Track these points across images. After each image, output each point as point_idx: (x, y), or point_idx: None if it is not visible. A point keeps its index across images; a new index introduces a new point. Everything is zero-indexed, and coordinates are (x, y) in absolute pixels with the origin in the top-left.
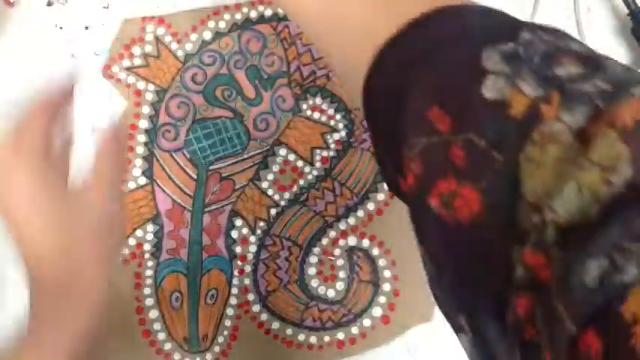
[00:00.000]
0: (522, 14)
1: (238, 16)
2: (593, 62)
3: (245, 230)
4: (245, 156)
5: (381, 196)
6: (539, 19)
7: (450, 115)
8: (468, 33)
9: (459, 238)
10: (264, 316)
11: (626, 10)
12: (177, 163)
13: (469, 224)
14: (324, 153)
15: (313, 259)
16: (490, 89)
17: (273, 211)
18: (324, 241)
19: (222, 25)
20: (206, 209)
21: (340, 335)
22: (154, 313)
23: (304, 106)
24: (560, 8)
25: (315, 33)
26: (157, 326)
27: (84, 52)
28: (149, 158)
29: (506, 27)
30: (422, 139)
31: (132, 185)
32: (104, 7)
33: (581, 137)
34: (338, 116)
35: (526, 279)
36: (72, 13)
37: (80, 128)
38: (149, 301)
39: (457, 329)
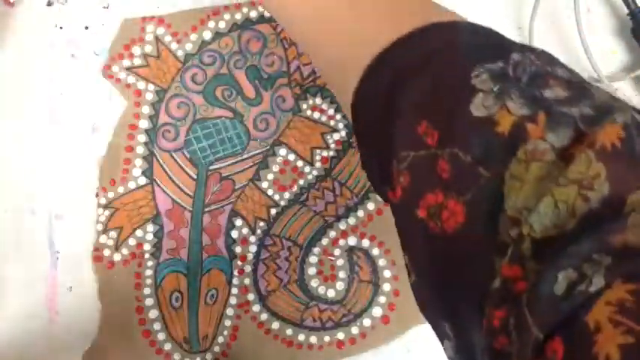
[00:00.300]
0: (522, 14)
1: (238, 16)
2: (578, 88)
3: (245, 230)
4: (245, 156)
5: None
6: (539, 19)
7: (439, 130)
8: (458, 50)
9: (445, 248)
10: (264, 316)
11: (626, 10)
12: (177, 163)
13: (454, 235)
14: (324, 153)
15: (313, 259)
16: (478, 107)
17: (273, 211)
18: (324, 241)
19: (222, 25)
20: (206, 209)
21: (340, 335)
22: (153, 313)
23: (304, 106)
24: (560, 8)
25: (304, 37)
26: (156, 326)
27: (84, 52)
28: (149, 158)
29: (497, 46)
30: (411, 153)
31: (132, 185)
32: (104, 7)
33: (563, 157)
34: (338, 116)
35: (502, 290)
36: (72, 13)
37: (80, 128)
38: (149, 301)
39: (441, 336)
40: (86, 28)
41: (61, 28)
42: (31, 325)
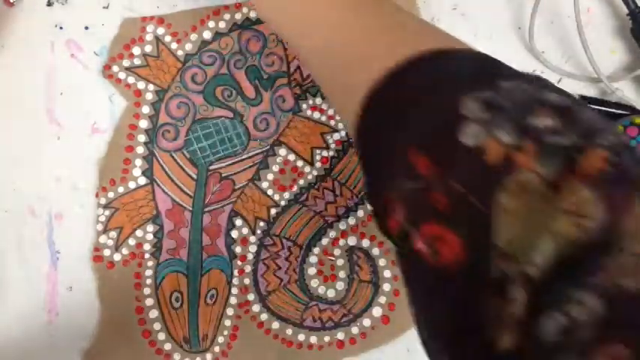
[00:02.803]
0: (522, 14)
1: (238, 16)
2: (568, 115)
3: (245, 230)
4: (245, 156)
5: None
6: (540, 19)
7: (431, 159)
8: (450, 79)
9: (441, 282)
10: (264, 316)
11: (626, 10)
12: (177, 163)
13: (452, 268)
14: (324, 153)
15: (313, 259)
16: (467, 136)
17: (273, 211)
18: (324, 240)
19: (222, 25)
20: (206, 209)
21: (340, 335)
22: (153, 313)
23: (304, 106)
24: (560, 8)
25: (306, 55)
26: (156, 326)
27: (84, 52)
28: (149, 158)
29: (489, 74)
30: (405, 183)
31: (132, 185)
32: (104, 7)
33: (553, 187)
34: (338, 116)
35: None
36: (72, 13)
37: (80, 128)
38: (149, 301)
39: None
40: (86, 28)
41: (61, 28)
42: (31, 325)
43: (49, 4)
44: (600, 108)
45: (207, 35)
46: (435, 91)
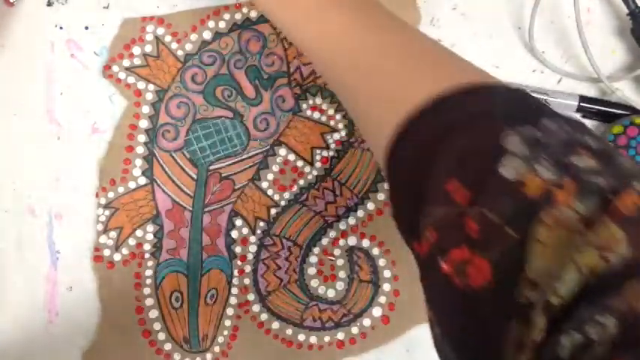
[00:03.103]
0: (522, 14)
1: (238, 16)
2: (605, 157)
3: (245, 230)
4: (245, 156)
5: (381, 196)
6: (540, 19)
7: (468, 188)
8: (492, 112)
9: (468, 304)
10: (264, 316)
11: (626, 10)
12: (177, 163)
13: (479, 291)
14: (324, 153)
15: (313, 259)
16: (508, 169)
17: (273, 211)
18: (324, 240)
19: (222, 25)
20: (206, 209)
21: (340, 335)
22: (153, 313)
23: (304, 106)
24: (560, 8)
25: (338, 81)
26: (156, 326)
27: (84, 52)
28: (149, 158)
29: (529, 110)
30: (439, 209)
31: (132, 185)
32: (104, 7)
33: (588, 224)
34: (338, 116)
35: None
36: (72, 13)
37: (80, 128)
38: (149, 301)
39: None
40: (86, 28)
41: (61, 28)
42: (31, 325)
43: (49, 4)
44: (600, 108)
45: (207, 35)
46: (473, 124)
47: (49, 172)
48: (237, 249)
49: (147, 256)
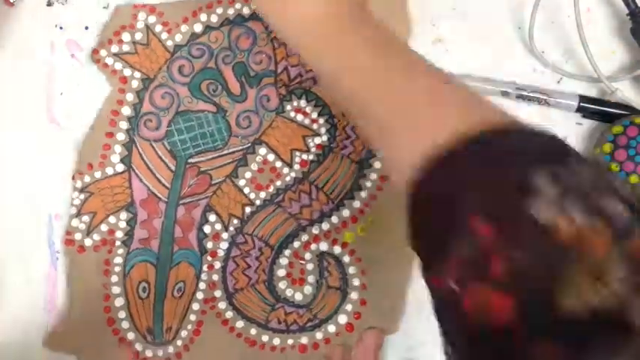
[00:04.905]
0: (522, 14)
1: (231, 12)
2: (633, 204)
3: (218, 226)
4: (225, 152)
5: (356, 204)
6: (540, 19)
7: (495, 226)
8: (516, 152)
9: (487, 336)
10: (229, 314)
11: (626, 10)
12: (157, 153)
13: (500, 327)
14: (304, 156)
15: (283, 261)
16: (538, 210)
17: (247, 210)
18: (296, 243)
19: (213, 18)
20: (181, 202)
21: (304, 339)
22: (119, 302)
23: (288, 107)
24: (560, 8)
25: (364, 110)
26: (121, 314)
27: (84, 52)
28: (129, 145)
29: (557, 151)
30: (463, 244)
31: (109, 171)
32: (104, 7)
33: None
34: (321, 120)
35: None
36: (72, 13)
37: (80, 128)
38: (115, 289)
39: None
40: (86, 28)
41: (61, 28)
42: (31, 325)
43: (49, 4)
44: (600, 108)
45: (197, 28)
46: (500, 163)
47: (49, 172)
48: (209, 244)
49: (118, 243)
